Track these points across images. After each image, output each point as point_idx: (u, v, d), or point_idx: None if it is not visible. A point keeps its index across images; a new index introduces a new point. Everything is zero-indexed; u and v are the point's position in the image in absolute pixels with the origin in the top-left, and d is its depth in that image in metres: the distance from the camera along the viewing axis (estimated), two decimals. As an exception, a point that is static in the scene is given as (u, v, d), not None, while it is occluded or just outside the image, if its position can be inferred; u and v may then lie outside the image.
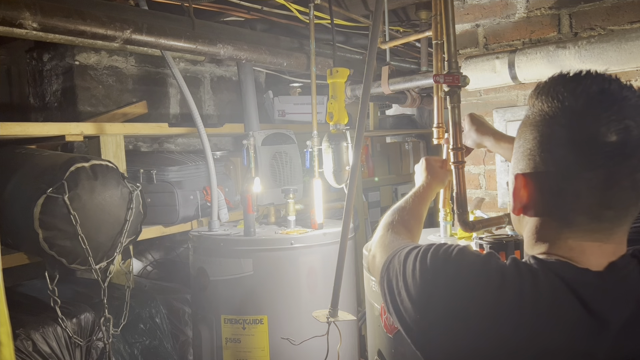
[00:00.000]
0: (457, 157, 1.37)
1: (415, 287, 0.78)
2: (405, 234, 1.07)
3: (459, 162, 1.37)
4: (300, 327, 2.09)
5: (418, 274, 0.79)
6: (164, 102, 2.90)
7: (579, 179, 0.71)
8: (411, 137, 4.62)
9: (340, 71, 2.08)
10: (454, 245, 0.81)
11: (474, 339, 0.72)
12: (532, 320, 0.70)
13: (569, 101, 0.73)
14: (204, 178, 2.47)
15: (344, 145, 2.10)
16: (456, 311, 0.73)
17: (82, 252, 1.69)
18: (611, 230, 0.73)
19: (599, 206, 0.72)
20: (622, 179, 0.70)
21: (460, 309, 0.73)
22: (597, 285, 0.71)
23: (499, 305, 0.71)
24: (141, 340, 2.01)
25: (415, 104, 3.04)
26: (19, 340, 1.59)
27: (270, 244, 2.14)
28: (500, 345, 0.70)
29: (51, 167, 1.70)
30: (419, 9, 2.62)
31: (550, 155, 0.74)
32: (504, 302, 0.71)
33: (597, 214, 0.72)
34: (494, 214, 1.51)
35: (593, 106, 0.72)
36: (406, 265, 0.82)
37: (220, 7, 2.51)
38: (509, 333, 0.70)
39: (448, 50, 1.39)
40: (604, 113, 0.70)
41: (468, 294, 0.73)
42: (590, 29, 1.88)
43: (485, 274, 0.74)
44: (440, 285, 0.76)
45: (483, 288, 0.73)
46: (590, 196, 0.71)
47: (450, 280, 0.76)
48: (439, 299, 0.75)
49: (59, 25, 1.72)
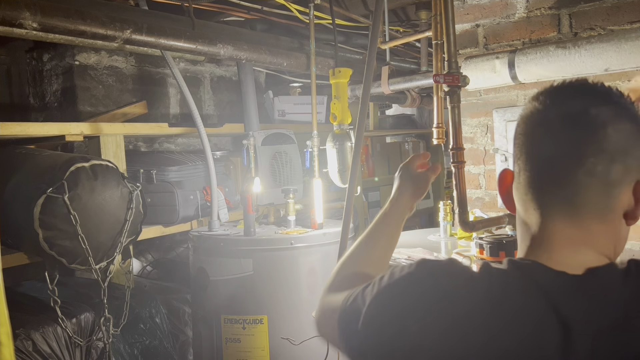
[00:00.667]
0: (457, 157, 1.37)
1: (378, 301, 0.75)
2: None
3: (459, 162, 1.37)
4: (300, 327, 2.09)
5: (377, 292, 0.76)
6: (163, 102, 2.91)
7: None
8: (411, 137, 4.62)
9: (343, 71, 2.08)
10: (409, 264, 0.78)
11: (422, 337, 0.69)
12: (493, 321, 0.67)
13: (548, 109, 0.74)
14: (204, 178, 2.47)
15: (348, 145, 2.11)
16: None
17: (82, 252, 1.69)
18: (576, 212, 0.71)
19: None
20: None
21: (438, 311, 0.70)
22: (571, 289, 0.69)
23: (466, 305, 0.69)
24: (141, 340, 2.01)
25: (415, 104, 3.05)
26: (19, 340, 1.59)
27: (270, 244, 2.14)
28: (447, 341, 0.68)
29: (51, 167, 1.70)
30: (419, 9, 2.62)
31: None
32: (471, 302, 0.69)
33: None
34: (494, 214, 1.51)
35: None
36: (365, 294, 0.78)
37: (220, 7, 2.51)
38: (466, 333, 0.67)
39: (448, 50, 1.39)
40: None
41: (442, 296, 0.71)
42: (590, 29, 1.88)
43: (454, 276, 0.73)
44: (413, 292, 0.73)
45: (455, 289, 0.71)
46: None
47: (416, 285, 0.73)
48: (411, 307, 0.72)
49: (59, 25, 1.72)
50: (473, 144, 2.21)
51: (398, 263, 1.36)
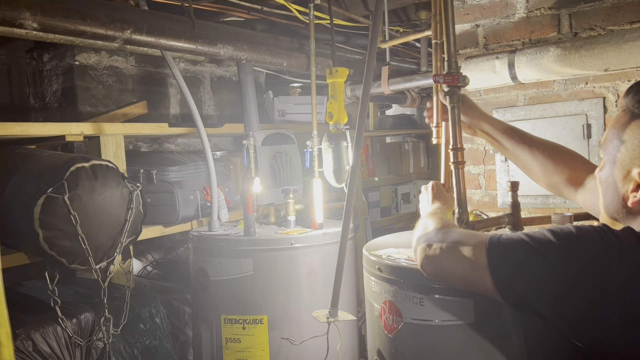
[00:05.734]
0: (457, 157, 1.37)
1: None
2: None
3: (459, 162, 1.36)
4: (300, 327, 2.09)
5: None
6: (164, 102, 2.91)
7: None
8: (411, 137, 4.62)
9: (339, 71, 2.08)
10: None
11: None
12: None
13: None
14: (204, 178, 2.47)
15: (343, 145, 2.10)
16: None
17: (82, 252, 1.69)
18: None
19: None
20: None
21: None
22: None
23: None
24: (141, 340, 2.01)
25: (415, 104, 3.04)
26: (19, 340, 1.59)
27: (270, 244, 2.14)
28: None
29: (51, 167, 1.70)
30: (419, 9, 2.62)
31: None
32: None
33: None
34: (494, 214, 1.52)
35: None
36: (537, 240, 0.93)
37: (220, 7, 2.52)
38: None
39: (448, 50, 1.39)
40: None
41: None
42: (590, 29, 1.88)
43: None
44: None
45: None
46: None
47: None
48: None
49: (59, 25, 1.72)
50: (473, 144, 2.21)
51: (398, 263, 1.36)
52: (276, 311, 2.12)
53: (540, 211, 2.01)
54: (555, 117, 2.00)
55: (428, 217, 1.25)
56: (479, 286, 1.01)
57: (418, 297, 1.29)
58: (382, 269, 1.38)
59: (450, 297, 1.25)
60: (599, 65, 1.73)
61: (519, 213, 1.43)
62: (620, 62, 1.69)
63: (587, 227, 0.92)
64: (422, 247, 1.13)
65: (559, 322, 0.91)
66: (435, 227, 1.16)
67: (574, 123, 1.96)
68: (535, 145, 1.35)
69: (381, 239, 1.72)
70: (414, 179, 4.40)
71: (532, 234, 0.95)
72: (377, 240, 1.69)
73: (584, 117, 1.94)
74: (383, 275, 1.38)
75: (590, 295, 0.87)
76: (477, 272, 0.98)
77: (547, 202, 2.01)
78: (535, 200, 2.03)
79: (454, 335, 1.26)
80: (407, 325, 1.31)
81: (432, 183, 1.42)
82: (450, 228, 1.13)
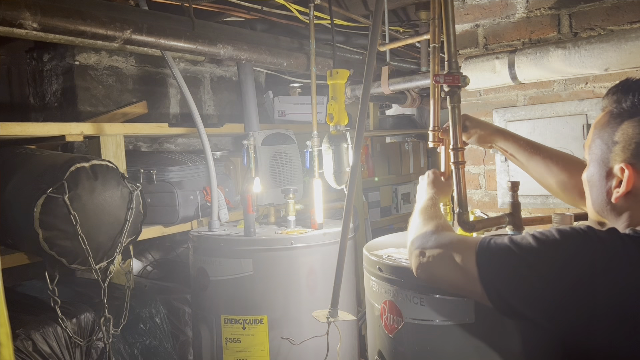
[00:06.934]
0: (457, 157, 1.36)
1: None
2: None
3: (459, 162, 1.36)
4: (300, 327, 2.09)
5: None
6: (164, 102, 2.91)
7: None
8: (411, 137, 4.62)
9: (340, 72, 2.08)
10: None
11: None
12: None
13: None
14: (204, 178, 2.47)
15: (344, 146, 2.10)
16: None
17: (82, 252, 1.69)
18: None
19: None
20: None
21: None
22: None
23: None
24: (141, 340, 2.01)
25: (415, 104, 3.05)
26: (19, 340, 1.58)
27: (270, 244, 2.14)
28: None
29: (51, 167, 1.70)
30: (419, 9, 2.62)
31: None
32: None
33: None
34: (494, 214, 1.51)
35: None
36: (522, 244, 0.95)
37: (220, 7, 2.51)
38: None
39: (448, 50, 1.39)
40: None
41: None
42: (590, 29, 1.88)
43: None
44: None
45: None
46: None
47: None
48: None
49: (59, 25, 1.72)
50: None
51: (398, 263, 1.36)
52: (276, 311, 2.12)
53: (541, 211, 2.01)
54: (555, 117, 2.00)
55: (421, 213, 1.27)
56: (472, 294, 1.04)
57: (418, 297, 1.29)
58: (382, 269, 1.38)
59: (451, 297, 1.25)
60: (599, 65, 1.73)
61: (519, 213, 1.43)
62: (621, 62, 1.69)
63: (571, 231, 0.93)
64: (415, 254, 1.14)
65: (550, 327, 0.93)
66: (427, 229, 1.17)
67: (573, 123, 1.96)
68: (549, 157, 1.36)
69: (381, 238, 1.72)
70: (414, 179, 4.40)
71: (518, 240, 0.97)
72: (377, 240, 1.69)
73: (584, 117, 1.94)
74: (383, 275, 1.38)
75: (576, 300, 0.88)
76: (468, 281, 1.01)
77: (548, 202, 2.00)
78: (536, 200, 2.03)
79: (455, 335, 1.27)
80: (408, 325, 1.32)
81: (429, 171, 1.45)
82: (442, 232, 1.14)
